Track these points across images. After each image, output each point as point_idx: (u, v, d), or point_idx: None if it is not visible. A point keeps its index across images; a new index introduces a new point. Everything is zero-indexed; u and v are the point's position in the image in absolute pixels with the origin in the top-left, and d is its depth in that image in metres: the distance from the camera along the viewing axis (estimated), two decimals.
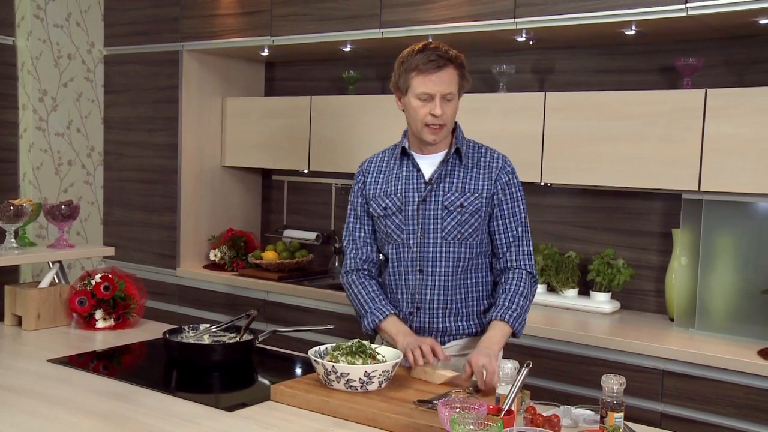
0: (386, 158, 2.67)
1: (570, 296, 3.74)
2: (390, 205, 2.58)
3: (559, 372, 3.32)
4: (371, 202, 2.63)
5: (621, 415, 1.93)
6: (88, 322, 3.09)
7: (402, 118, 4.05)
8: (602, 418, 1.94)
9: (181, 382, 2.53)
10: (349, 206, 2.73)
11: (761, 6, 2.93)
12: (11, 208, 3.26)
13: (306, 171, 4.55)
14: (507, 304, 2.49)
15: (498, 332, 2.45)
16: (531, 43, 3.79)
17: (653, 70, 3.70)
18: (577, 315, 3.62)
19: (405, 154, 2.61)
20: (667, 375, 3.10)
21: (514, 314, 2.48)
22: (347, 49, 4.25)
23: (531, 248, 2.59)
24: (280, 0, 4.23)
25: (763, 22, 3.12)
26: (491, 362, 2.29)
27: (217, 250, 4.68)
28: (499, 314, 2.48)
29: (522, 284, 2.54)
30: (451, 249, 2.53)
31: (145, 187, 4.85)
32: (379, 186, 2.63)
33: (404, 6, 3.80)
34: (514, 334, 2.50)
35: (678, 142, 3.27)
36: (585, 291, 3.77)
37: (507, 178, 2.57)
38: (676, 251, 3.51)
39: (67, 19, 4.90)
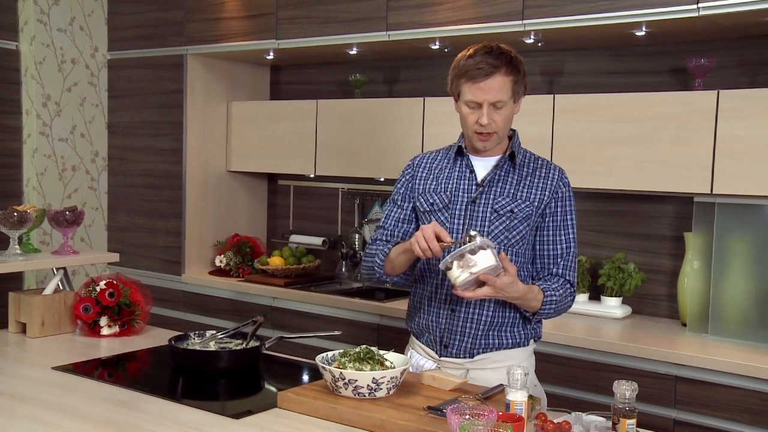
0: (440, 157, 2.60)
1: (581, 301, 3.70)
2: (437, 201, 2.51)
3: (570, 378, 3.29)
4: (419, 197, 2.55)
5: (633, 421, 1.90)
6: (93, 329, 3.07)
7: (409, 122, 4.06)
8: (614, 424, 1.91)
9: (187, 389, 2.51)
10: (388, 200, 2.66)
11: None
12: (15, 214, 3.24)
13: (312, 175, 4.52)
14: (552, 288, 2.43)
15: (530, 288, 2.38)
16: (539, 44, 3.76)
17: (664, 71, 3.67)
18: (588, 320, 3.58)
19: (460, 154, 2.54)
20: (681, 381, 3.06)
21: (552, 297, 2.41)
22: (353, 52, 4.23)
23: (576, 266, 2.52)
24: (286, 3, 4.21)
25: None
26: (509, 281, 2.25)
27: (222, 255, 4.65)
28: (541, 286, 2.42)
29: (564, 289, 2.46)
30: None
31: (149, 192, 4.83)
32: (429, 182, 2.55)
33: (411, 8, 3.78)
34: (533, 313, 2.44)
35: (690, 144, 3.24)
36: (596, 296, 3.74)
37: (562, 192, 2.49)
38: (688, 255, 3.48)
39: (70, 24, 4.88)
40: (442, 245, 2.28)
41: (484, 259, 2.19)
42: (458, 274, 2.22)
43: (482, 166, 2.51)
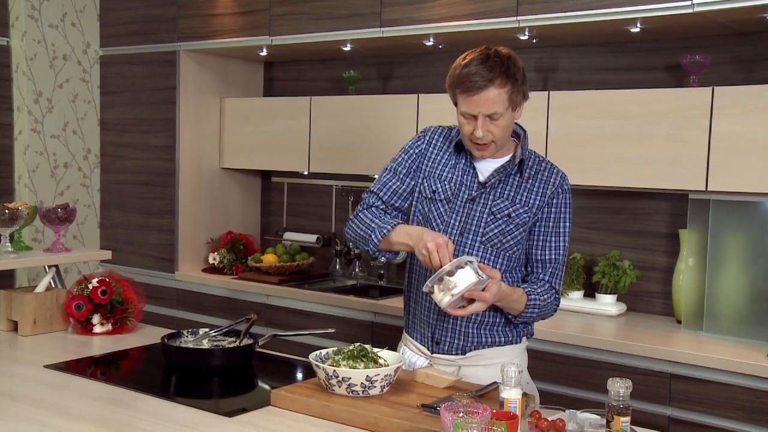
0: (451, 139, 2.51)
1: (575, 298, 3.70)
2: (440, 190, 2.46)
3: (565, 375, 3.28)
4: (424, 180, 2.49)
5: (627, 419, 1.89)
6: (86, 327, 3.05)
7: (403, 118, 4.05)
8: (608, 422, 1.90)
9: (180, 387, 2.49)
10: (387, 166, 2.54)
11: None
12: (6, 211, 3.22)
13: (306, 173, 4.51)
14: (537, 291, 2.39)
15: (514, 290, 2.34)
16: (534, 41, 3.75)
17: (659, 68, 3.66)
18: (583, 317, 3.58)
19: (463, 148, 2.47)
20: (675, 378, 3.05)
21: (536, 302, 2.38)
22: (347, 48, 4.21)
23: (563, 274, 2.48)
24: None
25: None
26: (497, 289, 2.22)
27: (216, 253, 4.64)
28: (526, 289, 2.38)
29: (549, 295, 2.43)
30: (489, 256, 2.41)
31: (142, 189, 4.81)
32: (437, 166, 2.48)
33: (405, 4, 3.76)
34: (515, 316, 2.41)
35: (684, 141, 3.23)
36: (590, 293, 3.73)
37: (559, 199, 2.43)
38: (683, 252, 3.47)
39: (62, 20, 4.85)
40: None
41: (464, 278, 2.15)
42: (441, 297, 2.19)
43: (484, 166, 2.46)
